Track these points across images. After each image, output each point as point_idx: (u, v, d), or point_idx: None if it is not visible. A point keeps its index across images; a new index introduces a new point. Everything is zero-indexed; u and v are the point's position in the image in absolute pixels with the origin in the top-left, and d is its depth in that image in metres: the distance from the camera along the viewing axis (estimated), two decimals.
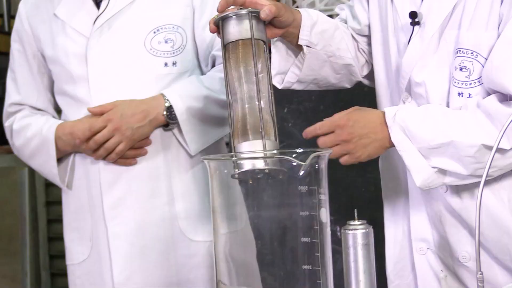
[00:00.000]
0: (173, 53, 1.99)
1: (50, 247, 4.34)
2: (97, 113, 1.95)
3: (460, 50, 1.54)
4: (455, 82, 1.56)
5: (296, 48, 1.73)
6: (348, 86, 1.87)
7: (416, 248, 1.70)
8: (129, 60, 1.97)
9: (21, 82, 2.12)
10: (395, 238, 1.75)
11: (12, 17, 4.03)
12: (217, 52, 2.02)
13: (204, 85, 1.98)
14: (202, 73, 2.05)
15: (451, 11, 1.55)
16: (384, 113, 1.55)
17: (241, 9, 1.50)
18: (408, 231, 1.72)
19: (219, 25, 1.51)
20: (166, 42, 1.98)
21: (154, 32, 1.98)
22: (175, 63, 1.99)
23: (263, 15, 1.50)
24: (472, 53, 1.53)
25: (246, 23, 1.47)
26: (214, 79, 2.00)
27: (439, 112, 1.53)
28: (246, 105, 1.44)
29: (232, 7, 1.52)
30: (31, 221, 4.22)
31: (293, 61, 1.75)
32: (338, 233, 1.35)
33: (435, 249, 1.68)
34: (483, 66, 1.52)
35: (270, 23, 1.56)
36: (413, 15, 1.59)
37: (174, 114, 1.94)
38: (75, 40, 2.00)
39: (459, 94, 1.56)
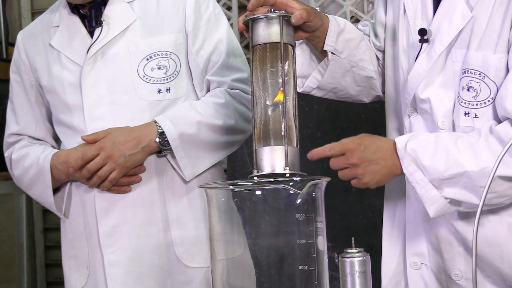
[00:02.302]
0: (167, 79, 1.99)
1: (47, 274, 4.33)
2: (90, 141, 1.94)
3: (468, 70, 1.54)
4: (461, 102, 1.55)
5: (320, 54, 1.74)
6: (366, 100, 1.87)
7: (410, 262, 1.69)
8: (122, 87, 1.97)
9: (20, 113, 2.14)
10: (392, 252, 1.75)
11: (10, 44, 4.06)
12: (211, 77, 2.02)
13: (197, 110, 1.97)
14: (198, 99, 2.05)
15: (460, 30, 1.56)
16: (394, 142, 1.53)
17: (271, 10, 1.50)
18: (404, 245, 1.71)
19: (248, 25, 1.50)
20: (159, 68, 1.98)
21: (147, 59, 1.98)
22: (169, 89, 1.99)
23: (294, 20, 1.51)
24: (480, 74, 1.53)
25: (276, 26, 1.46)
26: (208, 104, 1.99)
27: (451, 141, 1.51)
28: (270, 109, 1.44)
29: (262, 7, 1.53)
30: (28, 247, 4.21)
31: (315, 66, 1.75)
32: (336, 260, 1.35)
33: (430, 264, 1.67)
34: (489, 88, 1.52)
35: (298, 27, 1.56)
36: (422, 32, 1.59)
37: (167, 141, 1.94)
38: (70, 69, 2.01)
39: (465, 113, 1.56)
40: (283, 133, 1.40)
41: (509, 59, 1.50)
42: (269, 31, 1.46)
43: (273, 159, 1.39)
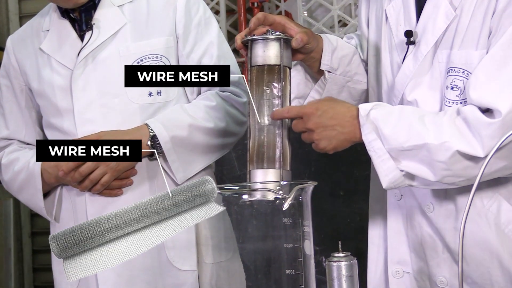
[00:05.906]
0: None
1: (35, 278, 4.31)
2: None
3: (452, 69, 1.54)
4: (446, 102, 1.55)
5: (315, 73, 1.74)
6: None
7: (392, 271, 1.69)
8: (113, 90, 1.97)
9: (9, 117, 2.13)
10: (376, 261, 1.75)
11: (0, 48, 4.05)
12: None
13: (189, 113, 1.98)
14: (188, 101, 2.05)
15: (444, 30, 1.56)
16: (357, 109, 1.52)
17: (269, 31, 1.52)
18: (386, 254, 1.71)
19: (247, 45, 1.52)
20: None
21: (138, 62, 1.98)
22: (160, 92, 1.99)
23: (294, 43, 1.53)
24: (463, 71, 1.53)
25: (275, 49, 1.48)
26: (198, 107, 2.00)
27: (415, 114, 1.50)
28: (265, 131, 1.45)
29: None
30: (16, 251, 4.20)
31: (311, 85, 1.76)
32: (324, 264, 1.35)
33: (413, 273, 1.67)
34: None
35: (295, 49, 1.58)
36: (408, 34, 1.60)
37: (159, 144, 1.94)
38: (60, 73, 2.01)
39: None
40: (277, 156, 1.41)
41: (488, 49, 1.49)
42: (268, 53, 1.48)
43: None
